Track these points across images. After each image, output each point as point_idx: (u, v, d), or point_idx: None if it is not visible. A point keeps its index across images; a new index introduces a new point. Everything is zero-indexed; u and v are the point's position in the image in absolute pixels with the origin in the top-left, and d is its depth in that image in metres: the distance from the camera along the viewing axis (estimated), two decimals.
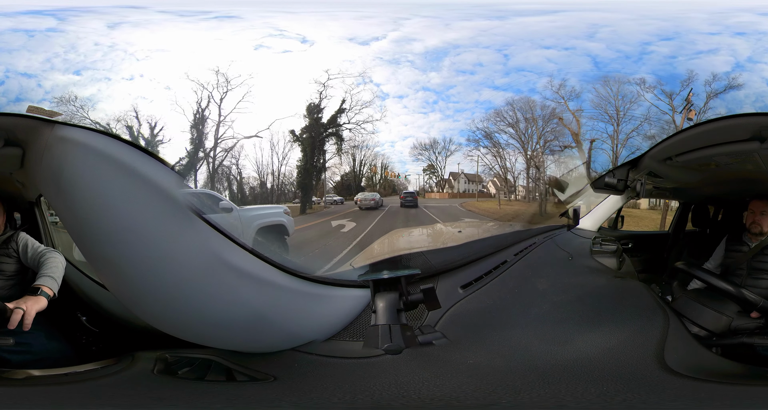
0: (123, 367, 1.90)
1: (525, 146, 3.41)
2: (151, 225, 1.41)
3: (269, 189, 3.34)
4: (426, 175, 3.90)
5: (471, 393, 1.69)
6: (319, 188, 3.60)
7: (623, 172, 2.81)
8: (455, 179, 4.02)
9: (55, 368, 1.97)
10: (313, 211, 3.56)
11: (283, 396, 1.68)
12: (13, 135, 1.71)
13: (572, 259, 3.16)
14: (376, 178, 3.88)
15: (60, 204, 1.47)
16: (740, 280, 2.66)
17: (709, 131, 2.23)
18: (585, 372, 1.84)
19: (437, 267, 2.41)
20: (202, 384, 1.89)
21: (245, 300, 1.63)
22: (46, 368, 1.97)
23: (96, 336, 2.54)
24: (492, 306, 2.34)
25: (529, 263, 2.86)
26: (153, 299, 1.53)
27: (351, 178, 3.80)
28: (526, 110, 3.17)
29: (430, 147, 3.64)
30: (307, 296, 1.84)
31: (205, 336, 1.70)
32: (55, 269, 2.15)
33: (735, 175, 2.62)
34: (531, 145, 3.40)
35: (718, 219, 3.73)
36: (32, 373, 1.91)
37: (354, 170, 3.73)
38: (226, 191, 3.18)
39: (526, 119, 3.23)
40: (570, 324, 2.25)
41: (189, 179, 2.79)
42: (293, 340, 1.90)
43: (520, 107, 3.15)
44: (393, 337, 1.59)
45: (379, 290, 1.82)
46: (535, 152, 3.43)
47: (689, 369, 1.90)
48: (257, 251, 1.65)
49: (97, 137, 1.39)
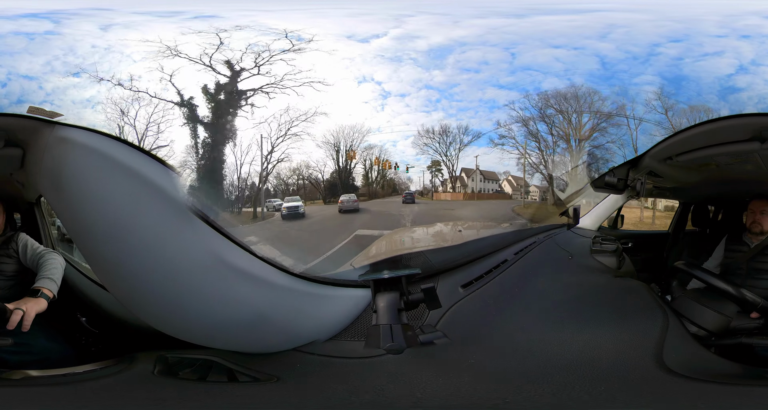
0: (123, 368, 1.90)
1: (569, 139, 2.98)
2: (151, 226, 1.41)
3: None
4: (431, 172, 3.41)
5: (474, 392, 1.70)
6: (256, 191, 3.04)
7: (623, 171, 2.81)
8: (469, 177, 3.52)
9: (54, 368, 1.97)
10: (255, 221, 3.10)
11: (287, 397, 1.69)
12: (13, 135, 1.71)
13: (572, 258, 3.16)
14: (372, 174, 3.38)
15: (60, 205, 1.46)
16: (740, 280, 2.66)
17: (710, 131, 2.23)
18: (586, 371, 1.84)
19: (438, 267, 2.41)
20: (204, 384, 1.89)
21: (246, 301, 1.62)
22: (46, 368, 1.97)
23: (96, 336, 2.53)
24: (493, 305, 2.34)
25: (529, 263, 2.85)
26: (153, 299, 1.52)
27: (338, 176, 3.28)
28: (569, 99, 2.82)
29: (440, 135, 3.14)
30: (308, 296, 1.84)
31: (205, 337, 1.70)
32: (54, 270, 2.15)
33: (735, 175, 2.62)
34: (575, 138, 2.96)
35: (718, 219, 3.74)
36: (30, 374, 1.91)
37: (339, 164, 3.21)
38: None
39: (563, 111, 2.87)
40: (570, 324, 2.25)
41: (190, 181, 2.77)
42: (295, 340, 1.90)
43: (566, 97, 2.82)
44: (394, 337, 1.58)
45: (379, 290, 1.82)
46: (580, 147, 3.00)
47: (688, 369, 1.90)
48: (257, 251, 1.65)
49: (97, 138, 1.39)
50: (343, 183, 3.39)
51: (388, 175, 3.54)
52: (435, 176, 3.50)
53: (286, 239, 3.22)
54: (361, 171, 3.45)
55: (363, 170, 3.43)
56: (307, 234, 3.32)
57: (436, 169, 3.45)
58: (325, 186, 3.37)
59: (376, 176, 3.47)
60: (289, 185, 3.30)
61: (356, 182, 3.46)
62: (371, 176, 3.46)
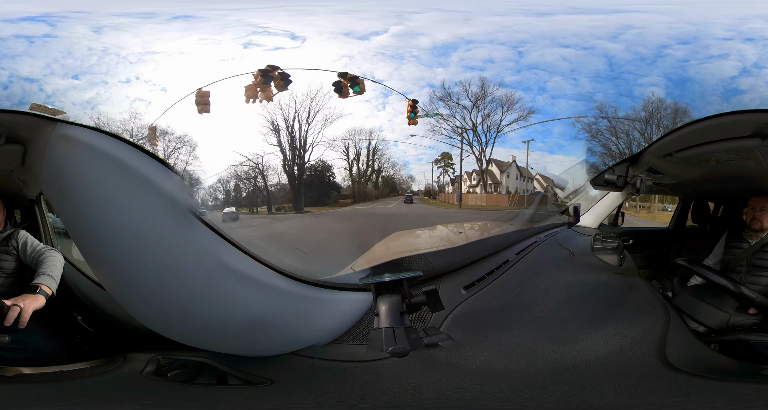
0: (113, 367, 1.90)
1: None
2: (151, 226, 1.41)
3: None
4: (440, 168, 2.53)
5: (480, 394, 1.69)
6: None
7: (623, 168, 2.80)
8: (503, 172, 2.61)
9: (46, 366, 1.96)
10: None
11: (279, 400, 1.67)
12: (14, 132, 1.70)
13: (574, 257, 3.16)
14: (359, 167, 2.39)
15: (60, 203, 1.46)
16: (740, 277, 2.66)
17: (710, 127, 2.22)
18: (591, 370, 1.85)
19: (439, 269, 2.40)
20: (190, 386, 1.88)
21: (244, 303, 1.62)
22: (38, 366, 1.97)
23: (90, 335, 2.53)
24: (495, 306, 2.33)
25: (531, 262, 2.85)
26: (150, 300, 1.52)
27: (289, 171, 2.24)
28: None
29: (473, 98, 2.12)
30: (308, 300, 1.83)
31: (202, 339, 1.69)
32: (53, 267, 2.15)
33: (735, 171, 2.62)
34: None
35: (718, 216, 3.73)
36: (23, 371, 1.91)
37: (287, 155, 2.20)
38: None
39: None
40: (573, 323, 2.25)
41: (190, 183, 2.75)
42: (293, 344, 1.89)
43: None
44: (398, 339, 1.56)
45: (381, 294, 1.80)
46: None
47: (690, 365, 1.91)
48: (257, 254, 1.64)
49: (99, 137, 1.39)
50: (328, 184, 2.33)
51: (385, 170, 2.62)
52: (445, 172, 2.65)
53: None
54: (342, 164, 2.53)
55: (345, 164, 2.47)
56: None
57: (446, 163, 2.58)
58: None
59: (366, 170, 2.43)
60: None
61: (335, 177, 2.54)
62: (359, 169, 2.42)
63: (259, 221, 2.69)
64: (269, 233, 2.65)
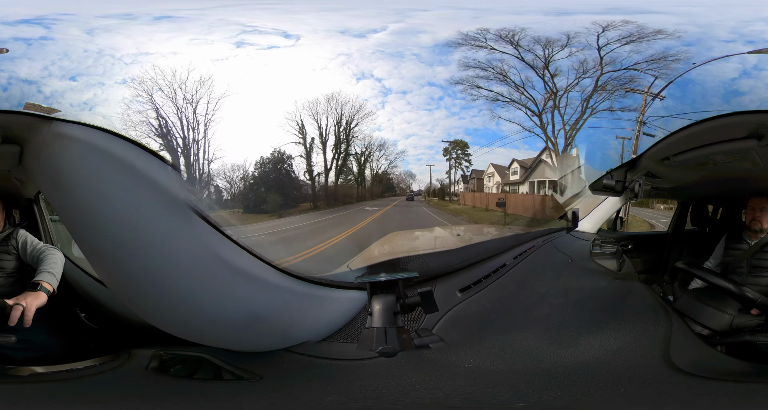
0: (118, 364, 1.91)
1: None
2: (150, 222, 1.40)
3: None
4: (450, 162, 2.01)
5: (469, 396, 1.67)
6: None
7: (621, 173, 2.80)
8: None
9: (56, 364, 1.98)
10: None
11: (265, 395, 1.67)
12: (10, 132, 1.70)
13: (572, 261, 3.14)
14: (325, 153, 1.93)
15: (59, 201, 1.46)
16: (741, 278, 2.64)
17: (706, 129, 2.22)
18: (589, 373, 1.83)
19: (435, 270, 2.39)
20: (189, 382, 1.89)
21: (241, 299, 1.61)
22: (49, 364, 1.98)
23: (94, 332, 2.54)
24: (491, 310, 2.32)
25: (528, 267, 2.83)
26: (150, 296, 1.52)
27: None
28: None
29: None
30: (303, 296, 1.82)
31: (199, 334, 1.69)
32: (54, 265, 2.16)
33: (733, 173, 2.61)
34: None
35: (717, 218, 3.71)
36: (36, 370, 1.92)
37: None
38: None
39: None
40: (571, 327, 2.23)
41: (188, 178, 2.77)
42: (286, 340, 1.88)
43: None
44: (388, 339, 1.55)
45: (375, 293, 1.80)
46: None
47: (697, 367, 1.89)
48: (254, 250, 1.64)
49: (95, 134, 1.39)
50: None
51: (381, 166, 2.20)
52: (456, 167, 2.12)
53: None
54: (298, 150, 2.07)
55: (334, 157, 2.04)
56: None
57: (462, 153, 2.00)
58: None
59: (337, 157, 1.87)
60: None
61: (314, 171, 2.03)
62: (325, 157, 1.94)
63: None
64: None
